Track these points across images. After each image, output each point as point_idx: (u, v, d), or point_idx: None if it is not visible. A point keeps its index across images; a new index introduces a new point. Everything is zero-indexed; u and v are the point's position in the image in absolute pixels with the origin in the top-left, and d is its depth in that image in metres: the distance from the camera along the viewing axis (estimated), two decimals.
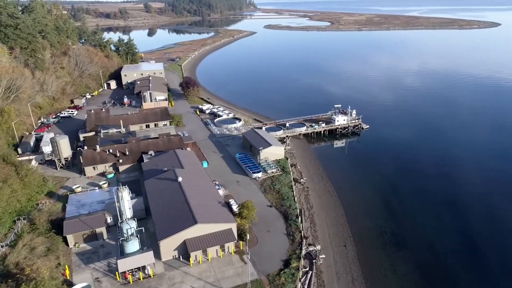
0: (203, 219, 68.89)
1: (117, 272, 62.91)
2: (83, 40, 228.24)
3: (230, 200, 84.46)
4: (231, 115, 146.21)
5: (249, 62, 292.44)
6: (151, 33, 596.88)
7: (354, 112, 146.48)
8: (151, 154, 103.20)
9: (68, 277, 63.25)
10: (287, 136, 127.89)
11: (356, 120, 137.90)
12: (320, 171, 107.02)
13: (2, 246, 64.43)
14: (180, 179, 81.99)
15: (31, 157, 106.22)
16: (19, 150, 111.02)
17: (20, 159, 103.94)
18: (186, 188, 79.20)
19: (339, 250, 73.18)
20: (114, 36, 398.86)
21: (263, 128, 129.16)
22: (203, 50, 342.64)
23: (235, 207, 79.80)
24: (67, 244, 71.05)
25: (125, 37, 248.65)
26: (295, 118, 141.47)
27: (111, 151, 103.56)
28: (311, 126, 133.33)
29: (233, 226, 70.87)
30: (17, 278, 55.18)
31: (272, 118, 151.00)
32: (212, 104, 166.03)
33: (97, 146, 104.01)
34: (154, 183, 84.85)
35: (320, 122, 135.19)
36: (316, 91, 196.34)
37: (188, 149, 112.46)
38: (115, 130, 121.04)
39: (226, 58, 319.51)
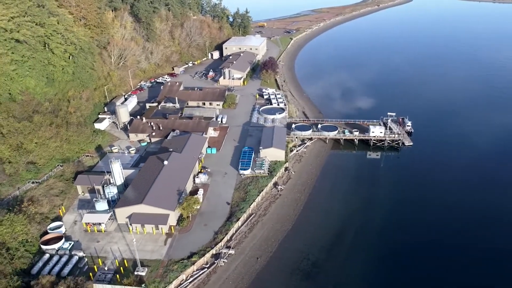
0: (148, 201, 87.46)
1: (83, 222, 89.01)
2: (207, 9, 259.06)
3: (200, 190, 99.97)
4: (282, 105, 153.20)
5: (373, 42, 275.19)
6: None
7: (409, 123, 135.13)
8: (176, 133, 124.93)
9: (61, 214, 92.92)
10: (310, 138, 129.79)
11: (397, 135, 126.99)
12: (311, 182, 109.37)
13: (34, 182, 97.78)
14: (165, 162, 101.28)
15: (108, 116, 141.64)
16: (105, 109, 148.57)
17: (100, 116, 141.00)
18: (164, 172, 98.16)
19: (248, 261, 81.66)
20: None
21: (293, 126, 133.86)
22: (332, 21, 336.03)
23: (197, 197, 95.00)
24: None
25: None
26: (338, 120, 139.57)
27: (151, 123, 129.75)
28: (343, 132, 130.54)
29: (172, 213, 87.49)
30: (20, 208, 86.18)
31: (325, 115, 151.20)
32: (279, 89, 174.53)
33: (143, 118, 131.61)
34: (152, 160, 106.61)
35: (354, 130, 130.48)
36: (402, 93, 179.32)
37: (216, 133, 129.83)
38: (171, 104, 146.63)
39: (350, 34, 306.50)
